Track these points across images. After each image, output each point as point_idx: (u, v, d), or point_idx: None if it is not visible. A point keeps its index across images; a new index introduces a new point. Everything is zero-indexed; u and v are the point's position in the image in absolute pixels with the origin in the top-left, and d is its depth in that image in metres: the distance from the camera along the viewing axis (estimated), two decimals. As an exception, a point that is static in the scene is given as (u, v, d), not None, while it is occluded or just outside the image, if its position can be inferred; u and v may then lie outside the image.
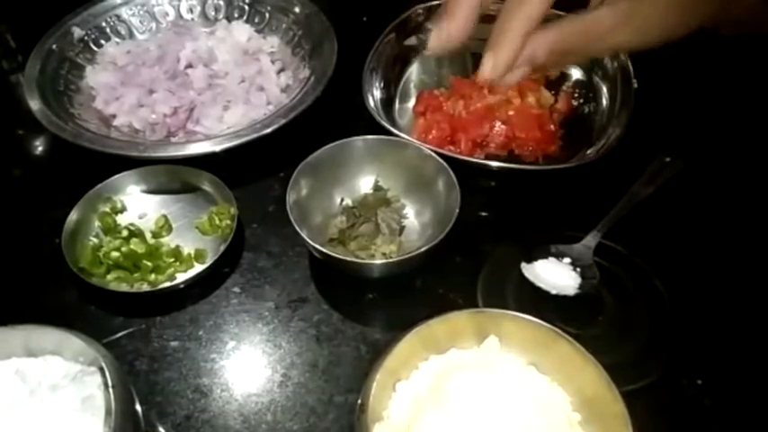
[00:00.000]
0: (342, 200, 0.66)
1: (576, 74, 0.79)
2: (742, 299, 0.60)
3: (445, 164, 0.61)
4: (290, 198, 0.59)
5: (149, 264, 0.62)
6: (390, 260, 0.59)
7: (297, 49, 0.85)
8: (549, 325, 0.47)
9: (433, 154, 0.62)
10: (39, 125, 0.72)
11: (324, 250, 0.57)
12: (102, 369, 0.43)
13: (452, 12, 0.40)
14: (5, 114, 0.82)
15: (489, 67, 0.40)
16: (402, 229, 0.64)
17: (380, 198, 0.65)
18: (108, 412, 0.41)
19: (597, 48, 0.40)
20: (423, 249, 0.56)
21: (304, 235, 0.57)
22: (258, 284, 0.63)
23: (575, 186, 0.68)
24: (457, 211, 0.58)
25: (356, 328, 0.59)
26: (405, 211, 0.66)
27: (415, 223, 0.65)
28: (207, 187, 0.69)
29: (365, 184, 0.67)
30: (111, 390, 0.42)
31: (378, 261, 0.60)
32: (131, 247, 0.63)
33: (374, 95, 0.75)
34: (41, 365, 0.46)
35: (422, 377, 0.48)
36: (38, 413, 0.44)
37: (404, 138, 0.66)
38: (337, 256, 0.57)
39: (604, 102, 0.76)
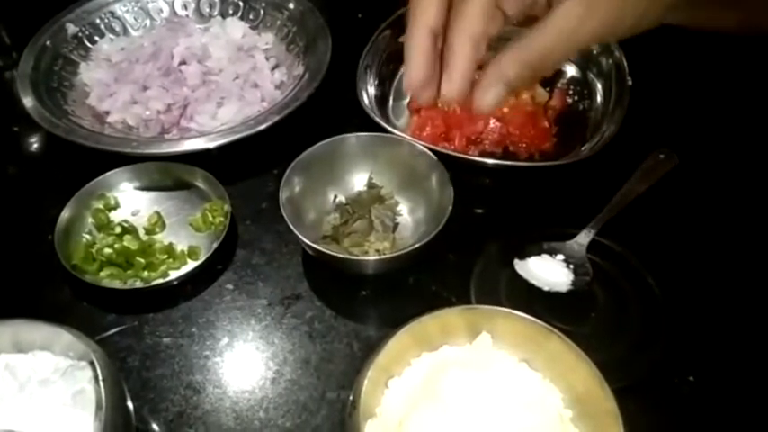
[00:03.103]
0: (335, 197, 0.66)
1: (570, 71, 0.79)
2: (735, 296, 0.60)
3: (439, 161, 0.61)
4: (283, 195, 0.59)
5: (142, 260, 0.62)
6: (383, 257, 0.59)
7: (291, 46, 0.85)
8: (541, 322, 0.47)
9: (427, 151, 0.62)
10: (32, 122, 0.72)
11: (317, 247, 0.57)
12: (92, 363, 0.43)
13: (449, 71, 0.38)
14: (-1, 111, 0.82)
15: (445, 87, 0.39)
16: (396, 226, 0.64)
17: (374, 195, 0.65)
18: (99, 406, 0.41)
19: (567, 50, 0.38)
20: (416, 246, 0.56)
21: (297, 232, 0.57)
22: (251, 281, 0.63)
23: (568, 183, 0.68)
24: (450, 208, 0.58)
25: (349, 325, 0.59)
26: (398, 208, 0.65)
27: (409, 220, 0.65)
28: (200, 184, 0.69)
29: (359, 181, 0.66)
30: (101, 383, 0.42)
31: (371, 258, 0.60)
32: (124, 243, 0.63)
33: (368, 92, 0.74)
34: (31, 360, 0.46)
35: (414, 374, 0.48)
36: (28, 408, 0.44)
37: (398, 135, 0.66)
38: (330, 252, 0.57)
39: (599, 99, 0.76)
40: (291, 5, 0.86)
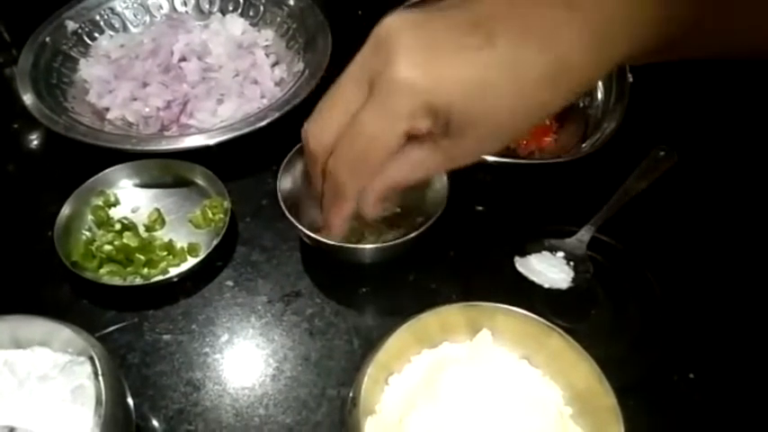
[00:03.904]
0: None
1: (571, 68, 0.78)
2: (735, 294, 0.60)
3: None
4: (282, 184, 0.59)
5: (142, 257, 0.62)
6: (380, 245, 0.59)
7: (291, 43, 0.84)
8: (541, 319, 0.47)
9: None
10: (32, 118, 0.72)
11: (314, 236, 0.56)
12: (91, 358, 0.43)
13: (331, 225, 0.44)
14: (-2, 107, 0.82)
15: (327, 234, 0.50)
16: (394, 217, 0.64)
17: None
18: (98, 401, 0.41)
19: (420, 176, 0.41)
20: (413, 235, 0.56)
21: (293, 219, 0.57)
22: (251, 278, 0.63)
23: (569, 180, 0.68)
24: (446, 197, 0.57)
25: (349, 322, 0.59)
26: (396, 201, 0.65)
27: (406, 212, 0.65)
28: (200, 181, 0.69)
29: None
30: (101, 378, 0.42)
31: (367, 246, 0.60)
32: (124, 240, 0.63)
33: (368, 89, 0.74)
34: (30, 356, 0.46)
35: (414, 371, 0.48)
36: (27, 404, 0.44)
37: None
38: (327, 241, 0.57)
39: (599, 96, 0.76)
40: (291, 2, 0.86)
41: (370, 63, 0.37)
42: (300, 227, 0.57)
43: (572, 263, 0.59)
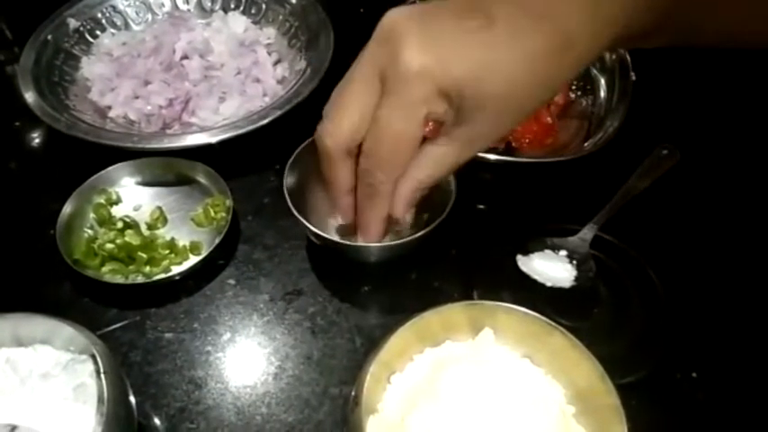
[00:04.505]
0: None
1: (573, 66, 0.78)
2: (737, 293, 0.60)
3: None
4: (288, 182, 0.59)
5: (144, 256, 0.62)
6: (386, 244, 0.59)
7: (293, 41, 0.84)
8: (543, 317, 0.47)
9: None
10: (33, 116, 0.72)
11: (321, 234, 0.56)
12: (93, 356, 0.43)
13: (367, 231, 0.47)
14: (0, 106, 0.82)
15: (363, 239, 0.50)
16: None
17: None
18: (100, 400, 0.41)
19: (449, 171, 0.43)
20: (419, 234, 0.56)
21: (300, 217, 0.57)
22: (253, 276, 0.63)
23: (571, 179, 0.68)
24: (452, 198, 0.57)
25: (351, 321, 0.59)
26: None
27: (411, 212, 0.65)
28: (202, 179, 0.69)
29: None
30: (103, 376, 0.42)
31: (373, 244, 0.60)
32: (126, 239, 0.62)
33: (370, 88, 0.74)
34: (32, 355, 0.46)
35: (416, 369, 0.48)
36: (29, 402, 0.44)
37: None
38: (333, 239, 0.57)
39: (602, 94, 0.76)
40: (293, 0, 0.86)
41: (378, 57, 0.37)
42: (309, 225, 0.57)
43: (574, 261, 0.59)
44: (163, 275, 0.61)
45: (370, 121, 0.39)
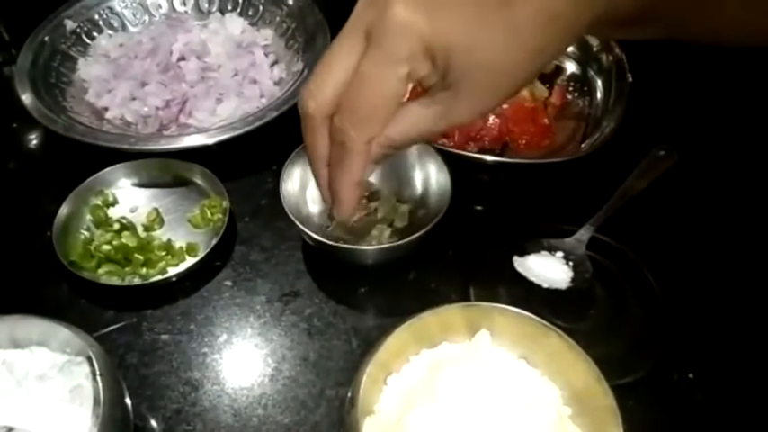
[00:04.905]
0: None
1: (570, 67, 0.78)
2: (734, 294, 0.60)
3: (437, 154, 0.61)
4: (284, 184, 0.59)
5: (141, 257, 0.62)
6: (382, 246, 0.59)
7: (290, 42, 0.84)
8: (540, 319, 0.47)
9: (426, 145, 0.62)
10: (30, 118, 0.72)
11: (316, 237, 0.56)
12: (89, 358, 0.43)
13: (339, 200, 0.42)
14: (-3, 107, 0.82)
15: (337, 216, 0.44)
16: (396, 217, 0.64)
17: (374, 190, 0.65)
18: (97, 401, 0.41)
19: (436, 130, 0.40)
20: (415, 236, 0.56)
21: (297, 222, 0.57)
22: (250, 278, 0.63)
23: (568, 180, 0.68)
24: (449, 200, 0.57)
25: (348, 322, 0.59)
26: (397, 203, 0.65)
27: (407, 212, 0.65)
28: (199, 181, 0.69)
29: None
30: (98, 378, 0.42)
31: (369, 247, 0.60)
32: (123, 240, 0.62)
33: (367, 88, 0.74)
34: (28, 356, 0.46)
35: (413, 371, 0.48)
36: (25, 404, 0.44)
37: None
38: (329, 242, 0.57)
39: (599, 95, 0.76)
40: (290, 1, 0.86)
41: (366, 15, 0.36)
42: (303, 228, 0.57)
43: (571, 263, 0.59)
44: (159, 277, 0.61)
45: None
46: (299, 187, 0.62)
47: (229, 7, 0.89)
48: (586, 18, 0.36)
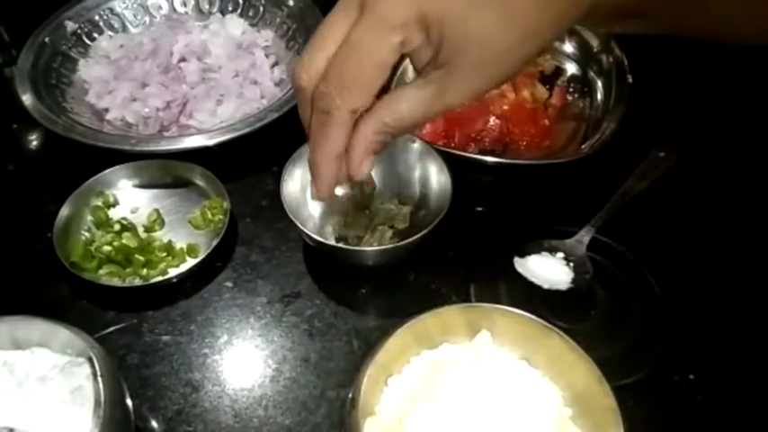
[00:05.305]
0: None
1: (571, 69, 0.79)
2: (735, 294, 0.60)
3: (438, 155, 0.61)
4: (284, 184, 0.59)
5: (141, 258, 0.62)
6: (382, 247, 0.59)
7: (291, 43, 0.84)
8: (540, 320, 0.47)
9: (427, 147, 0.62)
10: (31, 119, 0.72)
11: (317, 238, 0.56)
12: (90, 359, 0.43)
13: (317, 174, 0.40)
14: (-2, 108, 0.82)
15: (315, 194, 0.42)
16: (397, 218, 0.64)
17: (373, 191, 0.65)
18: (97, 402, 0.41)
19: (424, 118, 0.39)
20: (416, 237, 0.56)
21: (298, 222, 0.57)
22: (251, 279, 0.63)
23: (568, 181, 0.68)
24: (449, 200, 0.57)
25: (348, 323, 0.59)
26: (398, 204, 0.65)
27: (408, 213, 0.65)
28: (200, 182, 0.69)
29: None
30: (99, 379, 0.42)
31: (369, 248, 0.60)
32: (123, 241, 0.62)
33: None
34: (29, 357, 0.46)
35: (414, 372, 0.48)
36: (26, 405, 0.44)
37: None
38: (330, 243, 0.57)
39: (599, 97, 0.76)
40: (291, 2, 0.86)
41: None
42: (303, 228, 0.57)
43: (572, 264, 0.59)
44: (160, 278, 0.61)
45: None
46: (300, 188, 0.62)
47: (230, 8, 0.89)
48: (583, 6, 0.36)
